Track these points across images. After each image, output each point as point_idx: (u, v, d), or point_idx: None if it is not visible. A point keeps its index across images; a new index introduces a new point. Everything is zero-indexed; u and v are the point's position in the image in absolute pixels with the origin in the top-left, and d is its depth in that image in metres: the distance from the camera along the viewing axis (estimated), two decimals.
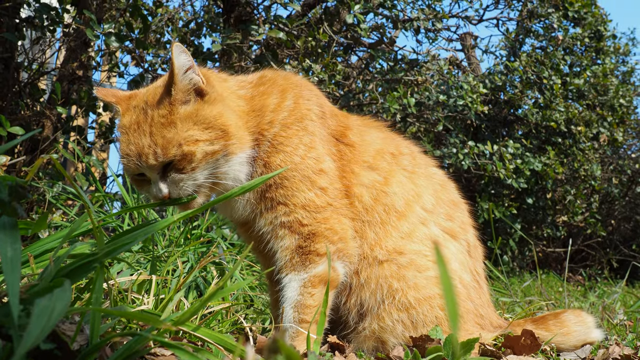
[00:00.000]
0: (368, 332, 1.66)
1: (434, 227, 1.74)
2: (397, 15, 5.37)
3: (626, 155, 8.46)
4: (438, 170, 1.93)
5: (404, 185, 1.75)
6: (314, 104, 1.74)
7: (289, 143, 1.64)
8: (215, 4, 5.12)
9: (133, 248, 2.47)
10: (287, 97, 1.70)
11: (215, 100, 1.56)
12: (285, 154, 1.62)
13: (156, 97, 1.52)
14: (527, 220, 6.92)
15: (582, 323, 1.83)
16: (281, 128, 1.65)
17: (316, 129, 1.69)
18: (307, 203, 1.61)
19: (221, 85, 1.67)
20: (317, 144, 1.67)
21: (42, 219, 1.20)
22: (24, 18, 3.35)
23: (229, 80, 1.74)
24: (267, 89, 1.72)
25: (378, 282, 1.65)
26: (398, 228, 1.69)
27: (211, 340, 1.15)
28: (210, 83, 1.59)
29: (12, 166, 3.06)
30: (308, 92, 1.76)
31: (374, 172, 1.74)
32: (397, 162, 1.79)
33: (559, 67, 6.73)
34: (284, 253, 1.62)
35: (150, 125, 1.48)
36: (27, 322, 0.84)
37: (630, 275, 6.70)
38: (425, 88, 5.97)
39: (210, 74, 1.66)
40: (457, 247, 1.76)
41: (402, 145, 1.89)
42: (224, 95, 1.62)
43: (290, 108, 1.68)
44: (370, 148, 1.78)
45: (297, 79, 1.81)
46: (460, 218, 1.83)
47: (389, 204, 1.70)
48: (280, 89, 1.73)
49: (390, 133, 1.94)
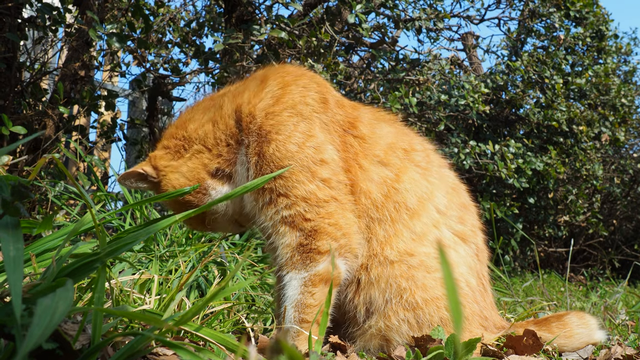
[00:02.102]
0: (374, 330, 1.65)
1: (446, 229, 1.71)
2: (399, 15, 5.36)
3: (628, 154, 8.44)
4: (450, 172, 1.88)
5: (417, 182, 1.70)
6: (311, 90, 1.68)
7: (280, 131, 1.59)
8: (217, 4, 5.12)
9: (135, 247, 2.47)
10: (268, 85, 1.67)
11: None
12: (277, 142, 1.58)
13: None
14: (529, 220, 6.91)
15: (585, 325, 1.81)
16: (265, 117, 1.62)
17: (314, 114, 1.64)
18: (308, 195, 1.57)
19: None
20: (316, 131, 1.62)
21: (47, 220, 1.20)
22: (26, 18, 3.36)
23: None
24: (243, 87, 1.72)
25: (388, 281, 1.62)
26: (409, 227, 1.66)
27: (213, 340, 1.15)
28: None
29: (14, 165, 3.07)
30: (307, 80, 1.71)
31: (384, 168, 1.69)
32: (409, 159, 1.74)
33: (560, 66, 6.72)
34: (285, 250, 1.59)
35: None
36: (29, 321, 0.84)
37: (632, 275, 6.69)
38: (426, 88, 5.97)
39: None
40: (467, 250, 1.73)
41: (415, 141, 1.83)
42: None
43: (277, 94, 1.64)
44: (382, 142, 1.73)
45: (293, 68, 1.76)
46: (471, 221, 1.80)
47: (400, 201, 1.66)
48: (259, 80, 1.71)
49: (404, 128, 1.87)
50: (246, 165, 1.65)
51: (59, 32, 3.60)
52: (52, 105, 3.37)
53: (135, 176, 1.73)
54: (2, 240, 0.94)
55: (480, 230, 1.85)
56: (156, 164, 1.72)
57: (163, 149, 1.74)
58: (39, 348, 0.90)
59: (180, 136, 1.72)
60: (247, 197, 1.66)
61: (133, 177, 1.74)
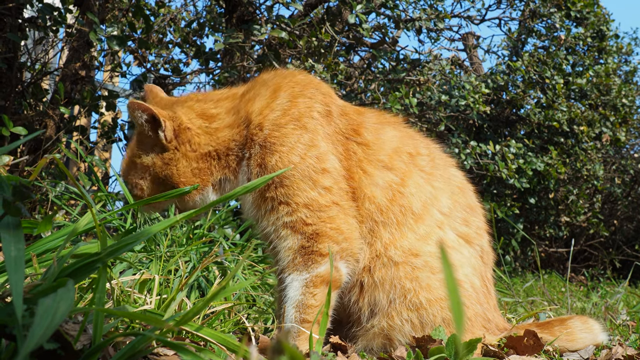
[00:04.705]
0: (377, 330, 1.65)
1: (450, 231, 1.71)
2: (399, 15, 5.36)
3: (629, 155, 8.44)
4: (458, 172, 1.87)
5: (421, 187, 1.71)
6: (317, 102, 1.69)
7: (284, 142, 1.62)
8: (218, 4, 5.12)
9: (135, 248, 2.47)
10: (280, 96, 1.68)
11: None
12: (281, 153, 1.61)
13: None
14: (530, 220, 6.91)
15: (589, 330, 1.80)
16: (272, 129, 1.63)
17: (318, 126, 1.66)
18: (309, 202, 1.59)
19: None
20: (319, 142, 1.64)
21: (47, 220, 1.20)
22: (27, 18, 3.36)
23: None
24: (254, 93, 1.72)
25: (392, 283, 1.63)
26: (415, 230, 1.66)
27: (214, 340, 1.15)
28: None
29: (15, 166, 3.07)
30: (313, 91, 1.72)
31: (389, 172, 1.69)
32: (414, 163, 1.74)
33: (561, 66, 6.71)
34: (287, 253, 1.61)
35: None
36: (30, 321, 0.84)
37: (633, 276, 6.68)
38: (427, 88, 5.96)
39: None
40: (471, 252, 1.73)
41: (420, 144, 1.82)
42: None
43: (285, 107, 1.66)
44: (386, 147, 1.73)
45: (301, 78, 1.76)
46: (476, 223, 1.79)
47: (405, 205, 1.67)
48: (272, 89, 1.71)
49: (409, 131, 1.87)
50: (247, 175, 1.67)
51: (59, 32, 3.60)
52: (52, 106, 3.38)
53: (147, 114, 1.66)
54: (3, 241, 0.94)
55: (485, 232, 1.84)
56: (181, 130, 1.69)
57: (190, 120, 1.71)
58: (40, 348, 0.90)
59: (205, 127, 1.71)
60: (247, 205, 1.69)
61: (145, 113, 1.66)
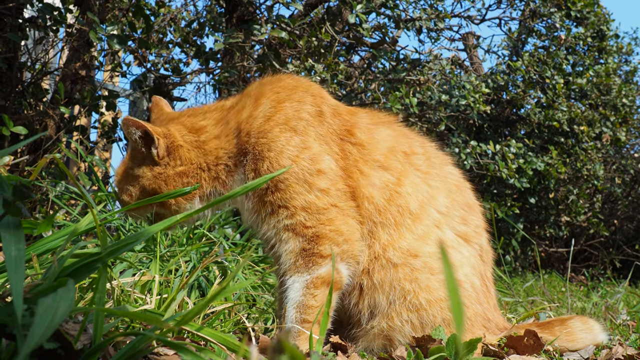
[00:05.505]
0: (377, 330, 1.65)
1: (448, 231, 1.71)
2: (399, 15, 5.36)
3: (629, 154, 8.44)
4: (454, 170, 1.86)
5: (417, 186, 1.70)
6: (306, 103, 1.69)
7: (271, 148, 1.62)
8: (218, 4, 5.12)
9: (136, 247, 2.47)
10: (262, 104, 1.69)
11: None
12: (270, 159, 1.62)
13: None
14: (530, 220, 6.91)
15: (589, 330, 1.80)
16: (259, 136, 1.65)
17: (309, 128, 1.66)
18: (307, 205, 1.59)
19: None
20: (311, 143, 1.64)
21: (47, 220, 1.20)
22: (27, 18, 3.36)
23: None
24: (242, 104, 1.74)
25: (392, 284, 1.63)
26: (413, 230, 1.66)
27: (214, 340, 1.15)
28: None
29: (16, 165, 3.07)
30: (301, 93, 1.72)
31: (385, 172, 1.69)
32: (410, 162, 1.74)
33: (561, 66, 6.71)
34: (289, 257, 1.61)
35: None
36: (31, 321, 0.84)
37: (633, 276, 6.68)
38: (427, 88, 5.96)
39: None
40: (470, 251, 1.73)
41: (415, 143, 1.82)
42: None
43: (268, 113, 1.67)
44: (381, 146, 1.73)
45: (288, 82, 1.77)
46: (474, 222, 1.79)
47: (403, 205, 1.66)
48: (255, 97, 1.73)
49: (403, 130, 1.86)
50: (244, 182, 1.68)
51: (59, 32, 3.60)
52: (53, 106, 3.38)
53: (141, 131, 1.69)
54: (3, 240, 0.94)
55: (484, 230, 1.83)
56: (174, 148, 1.71)
57: (182, 137, 1.73)
58: (40, 348, 0.90)
59: (194, 141, 1.73)
60: (246, 212, 1.70)
61: (138, 130, 1.69)
